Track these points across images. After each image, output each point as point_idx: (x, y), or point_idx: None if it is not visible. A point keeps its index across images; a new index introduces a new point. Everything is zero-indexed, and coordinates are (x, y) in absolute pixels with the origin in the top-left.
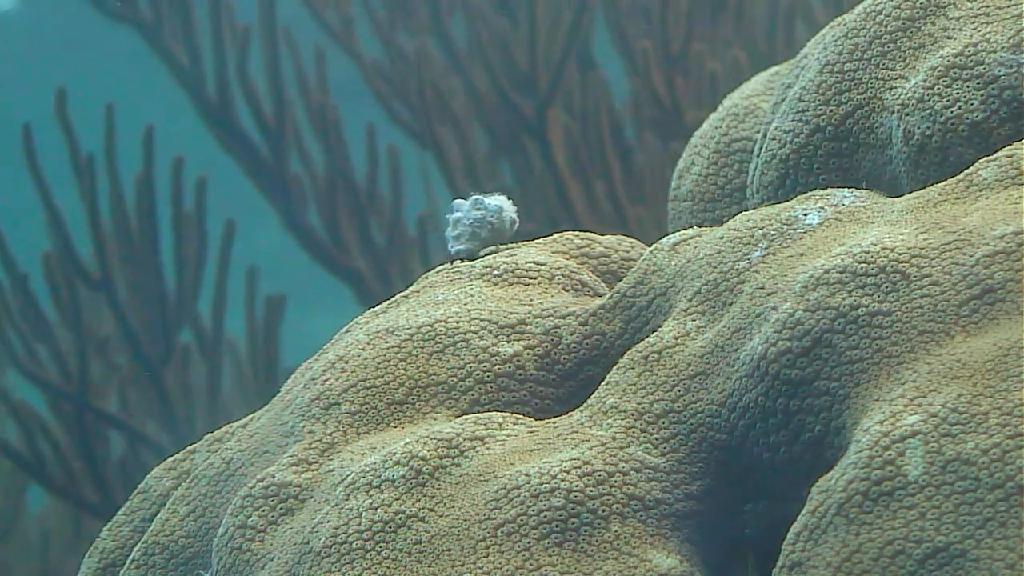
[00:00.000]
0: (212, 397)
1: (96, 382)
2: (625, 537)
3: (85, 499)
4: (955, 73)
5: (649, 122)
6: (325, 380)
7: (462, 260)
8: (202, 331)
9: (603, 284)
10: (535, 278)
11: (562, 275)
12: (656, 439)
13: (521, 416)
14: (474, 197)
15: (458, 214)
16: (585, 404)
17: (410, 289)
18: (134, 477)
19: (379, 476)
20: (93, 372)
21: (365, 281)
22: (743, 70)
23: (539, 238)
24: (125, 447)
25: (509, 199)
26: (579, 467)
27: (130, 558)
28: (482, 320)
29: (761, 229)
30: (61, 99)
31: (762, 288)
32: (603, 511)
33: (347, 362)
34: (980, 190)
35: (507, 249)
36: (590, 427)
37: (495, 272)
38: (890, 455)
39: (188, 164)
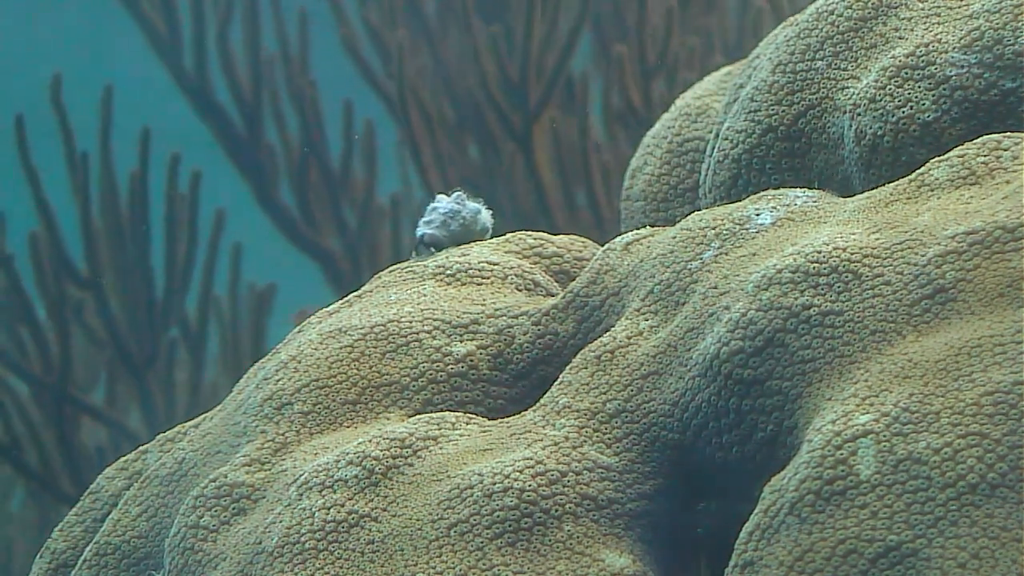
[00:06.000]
0: (194, 391)
1: (79, 373)
2: (578, 537)
3: (62, 490)
4: (907, 73)
5: (624, 131)
6: (278, 380)
7: (424, 245)
8: (188, 328)
9: (556, 284)
10: (488, 278)
11: (515, 275)
12: (609, 439)
13: (474, 416)
14: (457, 193)
15: (436, 203)
16: (538, 404)
17: (363, 289)
18: None
19: (332, 476)
20: (76, 364)
21: (335, 261)
22: None
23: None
24: (106, 439)
25: (491, 212)
26: (532, 467)
27: (82, 558)
28: (435, 320)
29: (714, 229)
30: (56, 87)
31: (715, 288)
32: (556, 511)
33: (300, 362)
34: (932, 190)
35: (460, 249)
36: (543, 427)
37: (448, 272)
38: (842, 454)
39: (181, 149)
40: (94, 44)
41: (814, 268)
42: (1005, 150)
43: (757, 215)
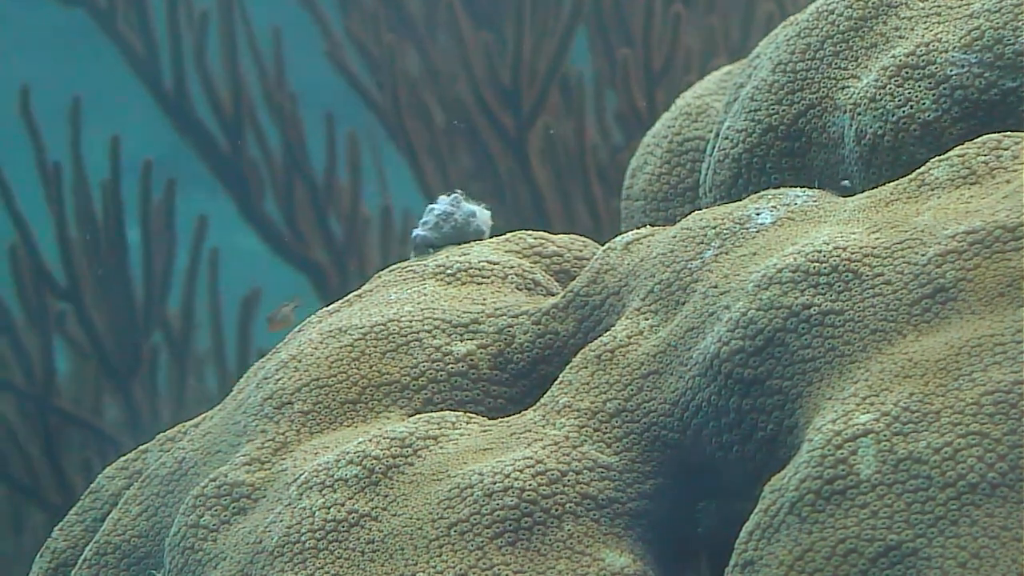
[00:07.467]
0: (178, 398)
1: (62, 384)
2: (578, 536)
3: (48, 500)
4: (907, 73)
5: (629, 135)
6: (278, 379)
7: (418, 245)
8: (172, 335)
9: (556, 283)
10: (488, 277)
11: (515, 274)
12: (609, 438)
13: (474, 415)
14: (455, 195)
15: (434, 205)
16: (538, 403)
17: (363, 288)
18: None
19: (332, 475)
20: (59, 374)
21: (323, 273)
22: None
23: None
24: (90, 449)
25: (490, 214)
26: (532, 466)
27: (82, 558)
28: (435, 319)
29: (714, 228)
30: (25, 98)
31: (715, 287)
32: (556, 510)
33: (300, 361)
34: (932, 189)
35: (460, 248)
36: (543, 426)
37: (448, 271)
38: (842, 454)
39: (154, 159)
40: (61, 53)
41: (814, 267)
42: (1005, 149)
43: (757, 214)
